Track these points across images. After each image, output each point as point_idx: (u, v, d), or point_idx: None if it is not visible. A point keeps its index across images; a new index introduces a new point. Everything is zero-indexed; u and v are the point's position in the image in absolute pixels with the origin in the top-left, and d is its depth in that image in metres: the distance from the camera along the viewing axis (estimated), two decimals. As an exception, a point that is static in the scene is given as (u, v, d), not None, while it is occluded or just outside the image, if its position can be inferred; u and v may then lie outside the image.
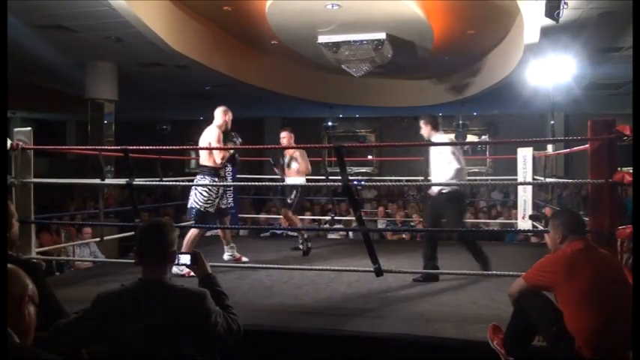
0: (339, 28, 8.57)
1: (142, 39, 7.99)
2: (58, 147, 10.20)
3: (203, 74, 10.16)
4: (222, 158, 5.01)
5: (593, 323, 2.44)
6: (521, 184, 6.97)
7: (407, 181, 9.12)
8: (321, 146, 13.92)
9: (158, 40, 7.90)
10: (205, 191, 4.90)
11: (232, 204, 6.73)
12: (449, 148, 4.64)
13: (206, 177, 4.98)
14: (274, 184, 5.41)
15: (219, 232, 5.59)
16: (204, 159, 5.04)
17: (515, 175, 6.93)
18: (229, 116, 5.19)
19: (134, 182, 4.33)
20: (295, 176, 5.83)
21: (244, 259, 5.34)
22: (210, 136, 5.02)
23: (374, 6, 7.73)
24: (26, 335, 1.56)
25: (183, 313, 2.07)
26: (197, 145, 5.25)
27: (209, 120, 5.25)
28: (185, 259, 2.36)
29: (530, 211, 6.62)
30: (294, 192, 5.85)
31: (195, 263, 2.40)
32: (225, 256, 5.29)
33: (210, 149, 4.97)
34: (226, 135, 5.21)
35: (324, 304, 3.88)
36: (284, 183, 6.00)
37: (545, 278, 2.62)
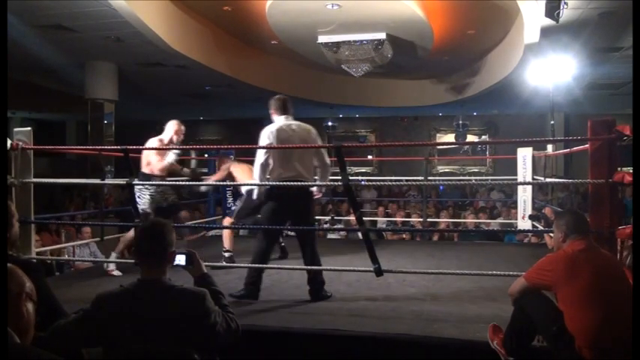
0: (339, 28, 8.57)
1: (142, 39, 8.00)
2: (58, 147, 10.19)
3: (203, 74, 10.16)
4: (161, 170, 5.00)
5: (593, 323, 2.45)
6: (522, 183, 6.97)
7: (407, 181, 9.13)
8: (321, 146, 13.90)
9: (158, 40, 7.91)
10: (143, 195, 4.94)
11: (231, 203, 6.71)
12: (261, 141, 4.13)
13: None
14: (271, 184, 5.38)
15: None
16: (143, 166, 5.03)
17: (515, 175, 6.93)
18: (180, 131, 5.13)
19: (134, 182, 4.32)
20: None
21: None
22: (151, 145, 5.01)
23: (374, 6, 7.73)
24: (25, 333, 1.55)
25: (183, 313, 2.07)
26: (195, 144, 5.28)
27: (209, 120, 5.26)
28: (180, 259, 2.36)
29: (530, 211, 6.62)
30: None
31: (191, 263, 2.39)
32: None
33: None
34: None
35: (324, 304, 3.88)
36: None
37: (546, 277, 2.62)
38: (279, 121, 4.23)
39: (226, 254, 5.33)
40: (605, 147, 3.50)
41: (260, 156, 4.10)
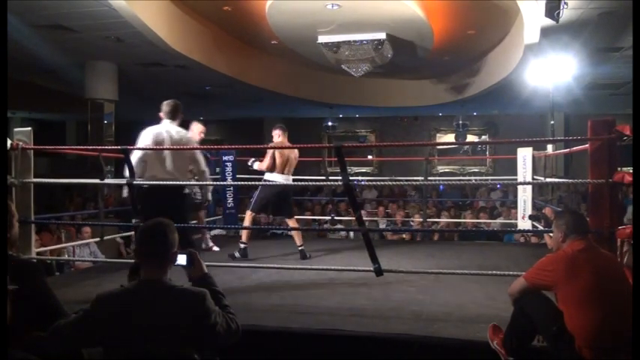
0: (339, 28, 8.56)
1: (142, 39, 7.99)
2: (58, 147, 10.18)
3: (203, 74, 10.16)
4: None
5: (593, 323, 2.45)
6: (522, 183, 6.97)
7: (407, 181, 9.14)
8: (321, 146, 13.91)
9: (158, 40, 7.90)
10: None
11: (231, 202, 6.87)
12: (141, 139, 4.30)
13: None
14: (271, 184, 5.40)
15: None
16: None
17: (515, 175, 6.93)
18: (199, 129, 5.76)
19: (134, 182, 4.33)
20: (268, 173, 5.69)
21: (215, 248, 6.08)
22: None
23: (374, 6, 7.72)
24: None
25: (184, 314, 2.07)
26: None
27: (209, 120, 5.32)
28: (181, 259, 2.35)
29: (530, 211, 6.62)
30: (256, 191, 5.77)
31: (192, 263, 2.39)
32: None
33: (199, 149, 5.40)
34: None
35: (324, 304, 3.88)
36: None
37: (546, 277, 2.62)
38: (164, 124, 4.42)
39: (241, 245, 5.53)
40: (605, 147, 3.50)
41: (136, 154, 4.28)
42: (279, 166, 5.60)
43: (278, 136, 5.72)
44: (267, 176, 5.65)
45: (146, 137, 4.33)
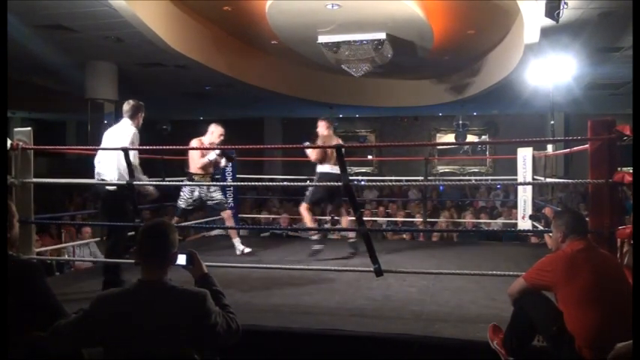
0: (339, 28, 8.57)
1: (142, 39, 8.00)
2: (58, 147, 10.19)
3: (203, 74, 10.17)
4: (201, 166, 5.73)
5: (593, 323, 2.45)
6: (522, 184, 6.98)
7: (407, 181, 9.15)
8: (321, 146, 13.87)
9: (158, 40, 7.90)
10: (181, 192, 5.71)
11: (231, 202, 6.88)
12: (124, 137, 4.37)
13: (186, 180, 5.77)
14: (273, 184, 5.41)
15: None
16: (190, 166, 5.82)
17: (515, 175, 6.93)
18: (217, 133, 5.96)
19: (134, 182, 4.32)
20: (320, 165, 5.60)
21: (247, 250, 5.73)
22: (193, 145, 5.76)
23: (374, 6, 7.73)
24: None
25: (184, 314, 2.07)
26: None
27: (209, 120, 5.35)
28: (181, 259, 2.34)
29: (530, 211, 6.62)
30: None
31: (192, 263, 2.38)
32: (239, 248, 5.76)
33: (199, 149, 5.68)
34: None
35: (324, 304, 3.88)
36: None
37: (546, 278, 2.62)
38: (120, 123, 4.54)
39: (315, 246, 5.56)
40: (605, 147, 3.50)
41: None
42: (330, 157, 5.50)
43: (326, 127, 5.65)
44: (320, 168, 5.57)
45: (104, 138, 4.51)
